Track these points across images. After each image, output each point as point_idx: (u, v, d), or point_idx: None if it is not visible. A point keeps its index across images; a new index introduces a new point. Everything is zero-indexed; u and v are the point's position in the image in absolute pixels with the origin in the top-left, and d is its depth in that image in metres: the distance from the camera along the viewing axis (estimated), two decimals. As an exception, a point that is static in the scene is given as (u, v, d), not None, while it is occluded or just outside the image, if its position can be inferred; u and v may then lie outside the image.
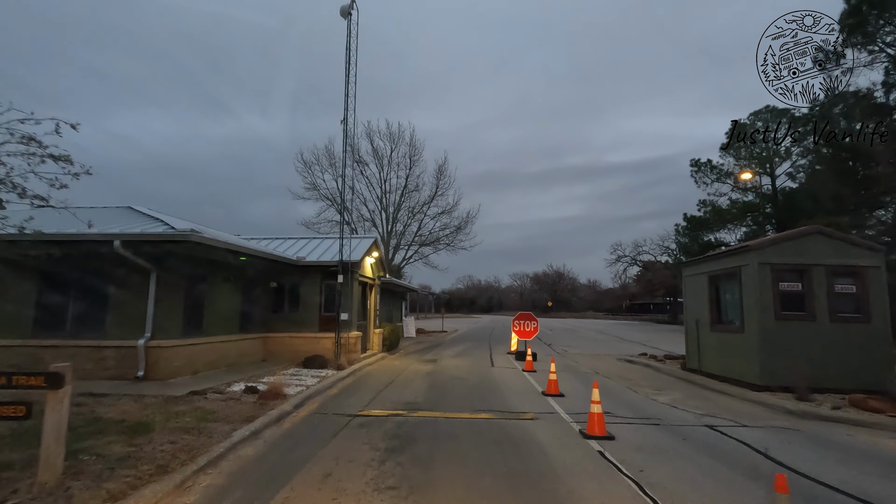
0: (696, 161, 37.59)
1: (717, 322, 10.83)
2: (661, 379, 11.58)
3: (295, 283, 12.82)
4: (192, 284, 9.67)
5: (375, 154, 28.54)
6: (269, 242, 14.29)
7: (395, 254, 29.42)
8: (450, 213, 29.85)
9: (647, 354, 17.24)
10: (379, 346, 15.28)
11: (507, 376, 11.48)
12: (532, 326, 15.67)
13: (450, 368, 12.77)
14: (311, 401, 8.00)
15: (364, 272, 13.99)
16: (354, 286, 12.82)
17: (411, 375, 11.30)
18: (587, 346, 22.41)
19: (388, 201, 29.01)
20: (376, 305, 15.12)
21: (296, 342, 12.49)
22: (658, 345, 23.61)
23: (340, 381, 10.13)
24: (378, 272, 15.57)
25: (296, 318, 12.68)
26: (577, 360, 15.73)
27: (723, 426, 6.83)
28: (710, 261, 11.08)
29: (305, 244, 14.18)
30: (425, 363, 13.89)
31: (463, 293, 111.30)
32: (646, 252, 56.53)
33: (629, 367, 14.27)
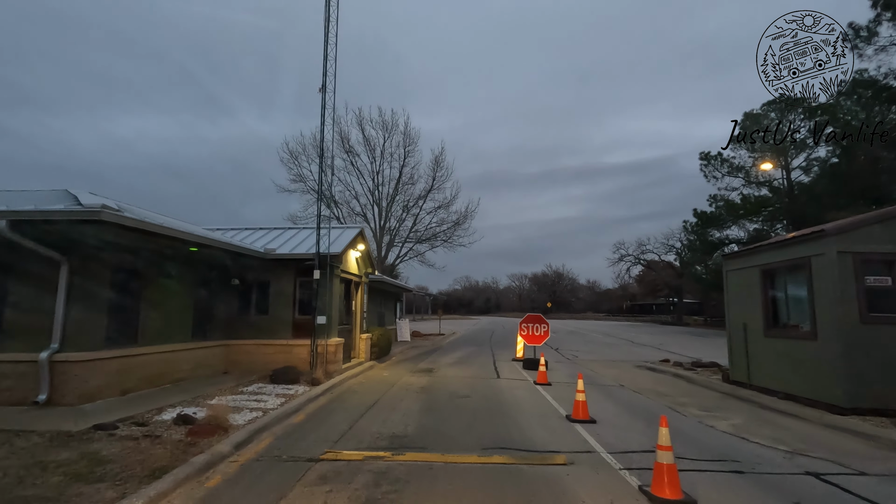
0: (706, 154, 35.79)
1: (774, 326, 8.89)
2: (704, 395, 9.63)
3: (264, 281, 10.80)
4: (121, 280, 7.64)
5: (367, 144, 26.57)
6: (238, 233, 12.27)
7: (389, 251, 27.43)
8: (447, 208, 27.90)
9: (669, 361, 15.31)
10: (366, 353, 13.27)
11: (517, 392, 9.50)
12: (542, 330, 13.72)
13: (448, 381, 10.78)
14: (263, 434, 5.99)
15: (347, 267, 11.99)
16: (335, 284, 10.82)
17: (402, 392, 9.30)
18: (597, 350, 20.47)
19: (380, 195, 27.02)
20: (363, 307, 13.16)
21: (265, 351, 10.47)
22: (673, 348, 21.71)
23: (312, 401, 8.12)
24: (365, 268, 13.58)
25: (265, 322, 10.65)
26: (592, 369, 13.78)
27: (832, 474, 4.86)
28: (764, 251, 9.14)
29: (279, 235, 12.16)
30: (419, 374, 11.89)
31: (460, 294, 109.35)
32: (649, 251, 54.78)
33: (656, 377, 12.31)
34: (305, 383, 9.32)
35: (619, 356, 18.10)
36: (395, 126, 26.52)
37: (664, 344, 24.12)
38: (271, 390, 8.59)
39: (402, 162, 26.66)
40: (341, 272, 11.23)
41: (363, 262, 13.43)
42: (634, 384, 10.94)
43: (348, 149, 26.05)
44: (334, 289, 10.69)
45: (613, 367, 14.45)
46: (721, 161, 35.32)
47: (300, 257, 10.46)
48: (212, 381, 9.18)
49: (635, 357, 17.79)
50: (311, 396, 8.24)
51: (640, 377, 12.27)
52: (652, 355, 18.45)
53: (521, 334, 13.90)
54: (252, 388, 8.75)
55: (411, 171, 26.93)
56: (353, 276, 12.47)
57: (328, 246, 10.38)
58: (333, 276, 10.63)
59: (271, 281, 10.76)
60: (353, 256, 12.40)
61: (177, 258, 8.75)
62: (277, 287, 10.75)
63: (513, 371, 12.86)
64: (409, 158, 26.78)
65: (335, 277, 10.79)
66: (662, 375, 12.67)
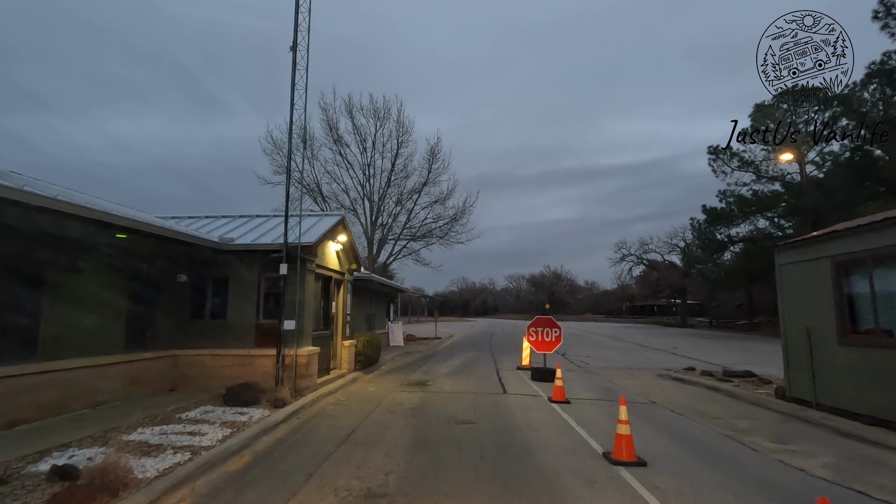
0: (715, 148, 34.16)
1: (853, 331, 7.11)
2: (761, 417, 7.83)
3: (221, 278, 8.93)
4: (9, 276, 5.75)
5: (357, 133, 24.67)
6: (195, 221, 10.39)
7: (381, 249, 25.54)
8: (444, 203, 26.03)
9: (695, 369, 13.52)
10: (349, 363, 11.40)
11: (532, 414, 7.67)
12: (553, 335, 11.90)
13: (445, 398, 8.94)
14: (176, 495, 4.12)
15: (325, 262, 10.13)
16: (308, 281, 8.96)
17: (387, 415, 7.45)
18: (608, 356, 18.67)
19: (371, 188, 25.13)
20: (346, 309, 11.30)
21: (222, 363, 8.60)
22: (688, 353, 19.96)
23: (268, 431, 6.26)
24: (349, 264, 11.74)
25: (223, 327, 8.78)
26: (611, 380, 11.98)
27: None
28: (839, 238, 7.35)
29: (244, 224, 10.28)
30: (411, 389, 10.05)
31: (457, 296, 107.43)
32: (652, 250, 53.12)
33: (689, 391, 10.51)
34: (267, 404, 7.46)
35: (634, 363, 16.32)
36: (387, 114, 24.69)
37: (679, 348, 22.37)
38: (219, 416, 6.71)
39: (395, 153, 24.81)
40: (317, 267, 9.37)
41: (346, 257, 11.57)
42: (668, 400, 9.15)
43: (336, 138, 24.18)
44: (307, 287, 8.83)
45: (633, 377, 12.67)
46: (730, 155, 33.70)
47: (264, 248, 8.58)
48: (148, 404, 7.29)
49: (652, 364, 16.01)
50: (268, 425, 6.37)
51: (670, 390, 10.47)
52: (670, 361, 16.69)
53: (528, 340, 12.08)
54: (195, 413, 6.86)
55: (404, 161, 25.10)
56: (332, 272, 10.61)
57: (299, 235, 8.53)
58: (306, 271, 8.78)
59: (230, 278, 8.89)
60: (333, 249, 10.54)
61: (101, 248, 6.87)
62: (238, 285, 8.87)
63: (520, 383, 11.03)
64: (402, 149, 24.95)
65: (309, 273, 8.93)
66: (695, 388, 10.87)
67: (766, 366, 15.13)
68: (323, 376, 9.79)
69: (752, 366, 15.45)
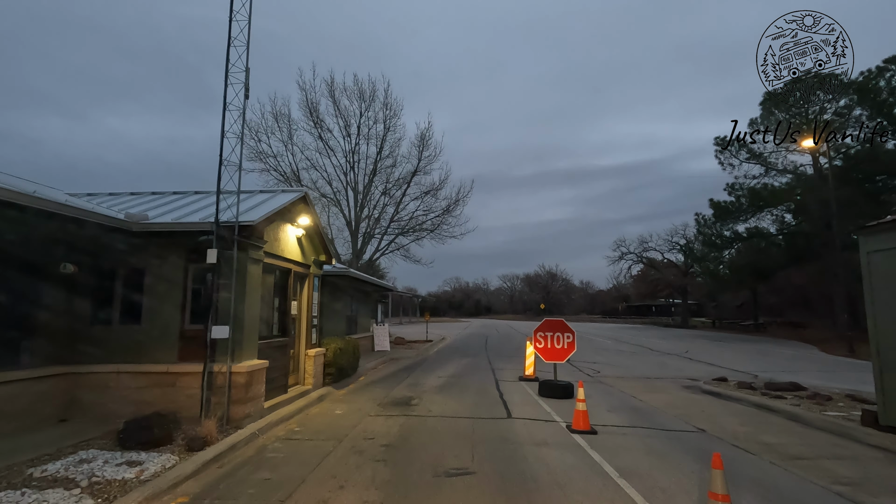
0: (723, 140, 32.36)
1: None
2: (861, 457, 5.79)
3: (136, 272, 6.74)
4: None
5: (340, 116, 22.44)
6: (112, 199, 8.19)
7: (367, 244, 23.35)
8: (436, 194, 23.88)
9: (726, 380, 11.52)
10: (316, 376, 9.24)
11: (551, 454, 5.58)
12: (566, 341, 9.86)
13: (433, 428, 6.84)
14: None
15: (279, 250, 7.96)
16: (252, 273, 6.78)
17: (349, 460, 5.32)
18: (618, 361, 16.68)
19: (356, 177, 22.92)
20: (311, 310, 9.14)
21: (133, 383, 6.41)
22: (704, 357, 18.04)
23: (158, 498, 4.10)
24: (316, 254, 9.56)
25: (135, 336, 6.59)
26: (633, 394, 9.97)
27: None
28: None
29: (174, 201, 8.08)
30: (390, 411, 7.93)
31: (450, 296, 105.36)
32: (652, 248, 51.39)
33: (736, 411, 8.50)
34: (180, 446, 5.31)
35: (651, 370, 14.32)
36: (373, 96, 22.50)
37: (690, 352, 20.46)
38: (95, 470, 4.54)
39: (383, 138, 22.62)
40: (266, 256, 7.20)
41: (312, 246, 9.40)
42: (719, 427, 7.12)
43: (317, 121, 21.91)
44: (250, 281, 6.66)
45: (657, 390, 10.66)
46: (739, 146, 31.94)
47: (190, 229, 6.41)
48: (6, 446, 5.09)
49: (672, 372, 14.03)
50: (162, 488, 4.21)
51: (713, 410, 8.46)
52: (689, 368, 14.74)
53: (535, 347, 10.00)
54: (60, 464, 4.68)
55: (391, 147, 22.90)
56: (291, 263, 8.44)
57: (237, 212, 6.37)
58: (248, 259, 6.61)
59: (147, 271, 6.70)
60: (293, 235, 8.39)
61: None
62: (157, 280, 6.69)
63: (527, 401, 8.97)
64: (389, 134, 22.76)
65: (253, 263, 6.75)
66: (740, 407, 8.86)
67: (804, 375, 13.21)
68: (277, 396, 7.63)
69: (785, 374, 13.54)
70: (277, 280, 8.06)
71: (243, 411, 6.24)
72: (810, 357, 18.95)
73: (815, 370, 14.80)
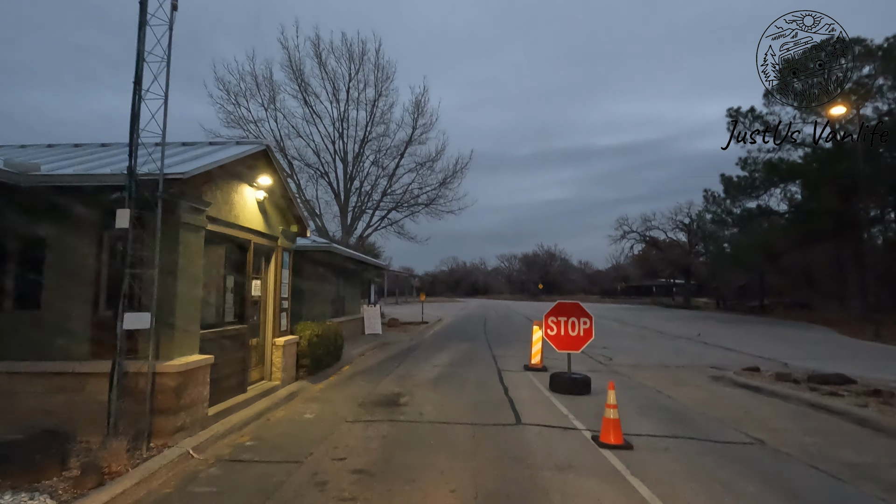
0: (736, 111, 30.56)
1: None
2: None
3: (32, 242, 5.12)
4: None
5: (327, 79, 20.45)
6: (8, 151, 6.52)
7: (358, 220, 21.70)
8: (432, 166, 22.12)
9: (759, 370, 10.15)
10: (286, 369, 7.77)
11: (580, 485, 4.14)
12: (583, 328, 8.38)
13: (423, 439, 5.40)
14: None
15: (233, 216, 6.34)
16: (188, 241, 5.17)
17: (308, 497, 3.87)
18: (628, 346, 15.35)
19: (345, 147, 21.10)
20: (280, 290, 7.58)
21: (28, 388, 4.89)
22: (720, 341, 16.73)
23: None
24: (285, 224, 7.94)
25: (32, 326, 5.04)
26: (656, 387, 8.60)
27: None
28: None
29: (91, 153, 6.42)
30: (373, 414, 6.50)
31: (447, 276, 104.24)
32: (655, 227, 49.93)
33: (788, 412, 7.11)
34: (69, 479, 3.83)
35: (667, 357, 12.98)
36: (364, 57, 20.48)
37: (702, 335, 19.17)
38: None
39: (374, 103, 20.71)
40: (210, 221, 5.59)
41: (278, 214, 7.78)
42: (774, 435, 5.74)
43: (301, 83, 19.93)
44: (186, 253, 5.08)
45: (683, 382, 9.30)
46: (753, 118, 30.12)
47: (100, 183, 4.80)
48: None
49: (691, 359, 12.70)
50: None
51: (760, 411, 7.07)
52: (709, 355, 13.40)
53: (546, 334, 8.54)
54: None
55: (383, 113, 21.00)
56: (250, 233, 6.82)
57: (162, 163, 4.75)
58: (182, 225, 5.02)
59: (48, 241, 5.11)
60: (251, 198, 6.76)
61: None
62: (60, 253, 5.09)
63: (537, 399, 7.56)
64: (381, 99, 20.84)
65: (188, 229, 5.15)
66: (789, 405, 7.48)
67: (838, 363, 11.89)
68: (230, 398, 6.15)
69: (816, 362, 12.22)
70: (231, 254, 6.48)
71: (174, 424, 4.75)
72: (834, 342, 17.69)
73: (846, 357, 13.50)
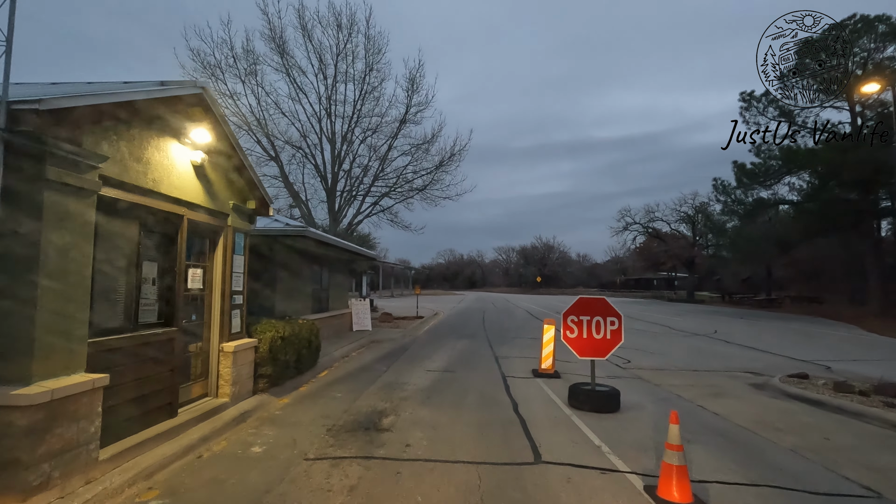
0: (749, 94, 28.99)
1: None
2: None
3: None
4: None
5: (313, 52, 18.61)
6: None
7: (347, 206, 20.00)
8: (427, 148, 20.41)
9: (808, 377, 8.63)
10: (240, 382, 6.14)
11: None
12: (610, 329, 6.78)
13: (408, 491, 3.80)
14: None
15: (151, 180, 4.60)
16: (50, 206, 3.48)
17: None
18: (645, 345, 13.82)
19: (333, 126, 19.32)
20: (230, 281, 5.92)
21: None
22: (740, 339, 15.25)
23: None
24: (237, 198, 6.23)
25: None
26: (695, 401, 7.03)
27: None
28: None
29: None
30: (345, 446, 4.92)
31: (444, 268, 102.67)
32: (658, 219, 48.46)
33: (884, 438, 5.57)
34: None
35: (690, 359, 11.45)
36: (353, 27, 18.64)
37: (720, 333, 17.70)
38: None
39: (365, 77, 18.91)
40: (106, 182, 3.89)
41: (228, 186, 6.11)
42: (885, 480, 4.18)
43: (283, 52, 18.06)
44: (61, 224, 3.43)
45: (722, 393, 7.75)
46: (767, 102, 28.52)
47: None
48: None
49: (715, 360, 11.19)
50: None
51: (840, 436, 5.53)
52: (738, 357, 11.84)
53: (565, 337, 6.94)
54: None
55: (373, 89, 19.20)
56: (181, 206, 5.10)
57: (5, 87, 3.10)
58: (46, 183, 3.35)
59: None
60: (182, 159, 5.03)
61: None
62: None
63: (556, 420, 5.99)
64: (372, 74, 19.04)
65: (60, 190, 3.47)
66: (878, 429, 5.94)
67: (888, 365, 10.43)
68: (148, 427, 4.53)
69: (858, 364, 10.78)
70: (152, 232, 4.82)
71: (25, 481, 3.12)
72: (863, 340, 16.27)
73: (891, 358, 12.05)
